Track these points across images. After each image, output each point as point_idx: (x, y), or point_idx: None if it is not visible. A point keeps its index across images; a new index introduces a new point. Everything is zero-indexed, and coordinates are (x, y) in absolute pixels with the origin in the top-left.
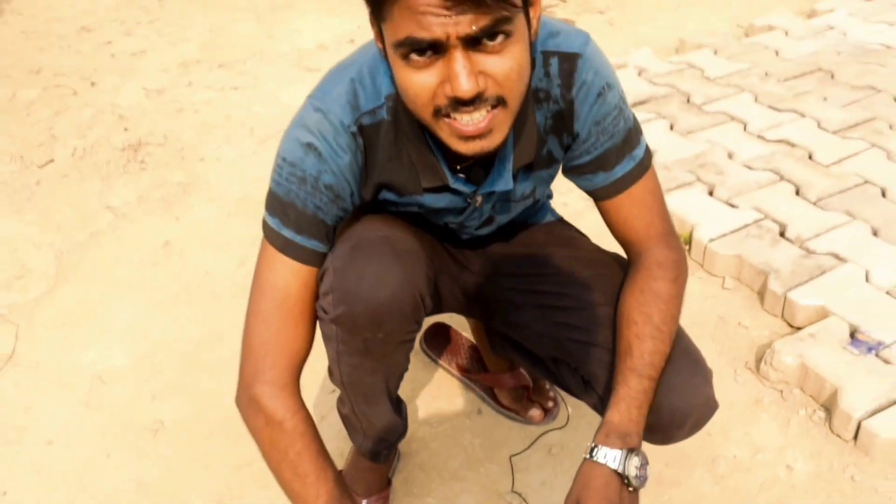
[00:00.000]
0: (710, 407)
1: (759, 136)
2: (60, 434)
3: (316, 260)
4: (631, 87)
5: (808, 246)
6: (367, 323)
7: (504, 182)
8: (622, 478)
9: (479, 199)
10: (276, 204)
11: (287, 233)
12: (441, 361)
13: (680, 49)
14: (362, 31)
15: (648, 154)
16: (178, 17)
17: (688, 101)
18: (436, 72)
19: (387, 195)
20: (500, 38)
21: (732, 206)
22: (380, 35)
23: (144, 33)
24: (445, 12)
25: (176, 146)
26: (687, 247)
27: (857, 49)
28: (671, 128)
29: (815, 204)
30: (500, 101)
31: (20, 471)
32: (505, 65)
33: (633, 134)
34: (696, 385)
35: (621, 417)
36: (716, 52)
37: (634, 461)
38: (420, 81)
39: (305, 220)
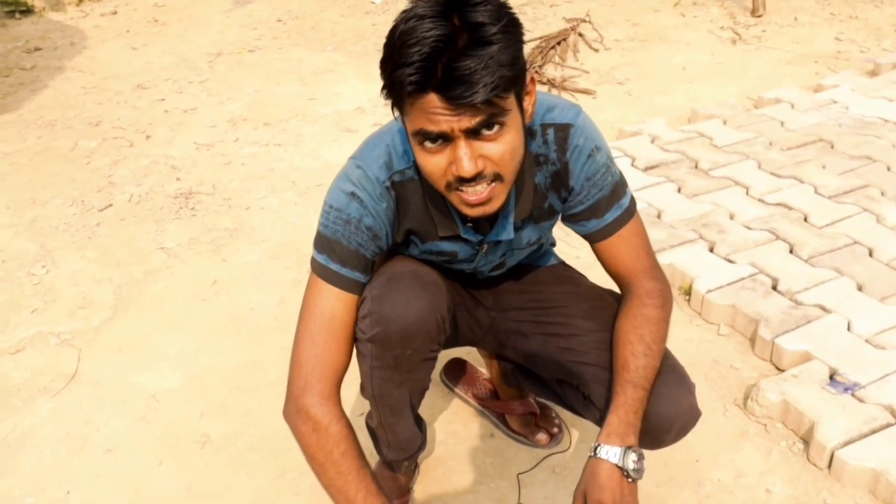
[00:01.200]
0: (693, 414)
1: (760, 200)
2: (118, 444)
3: (357, 288)
4: (644, 152)
5: (797, 298)
6: (398, 341)
7: (506, 233)
8: (622, 471)
9: (486, 246)
10: (325, 243)
11: (334, 266)
12: (459, 391)
13: (692, 118)
14: None
15: (633, 202)
16: (226, 78)
17: (696, 166)
18: (445, 155)
19: (413, 239)
20: (495, 128)
21: (731, 261)
22: (402, 120)
23: (195, 92)
24: (449, 113)
25: (224, 195)
26: (687, 297)
27: (857, 122)
28: (679, 190)
29: (806, 261)
30: (497, 177)
31: (82, 475)
32: (500, 149)
33: (619, 186)
34: (680, 395)
35: (619, 420)
36: (725, 122)
37: (632, 456)
38: (434, 162)
39: (349, 255)
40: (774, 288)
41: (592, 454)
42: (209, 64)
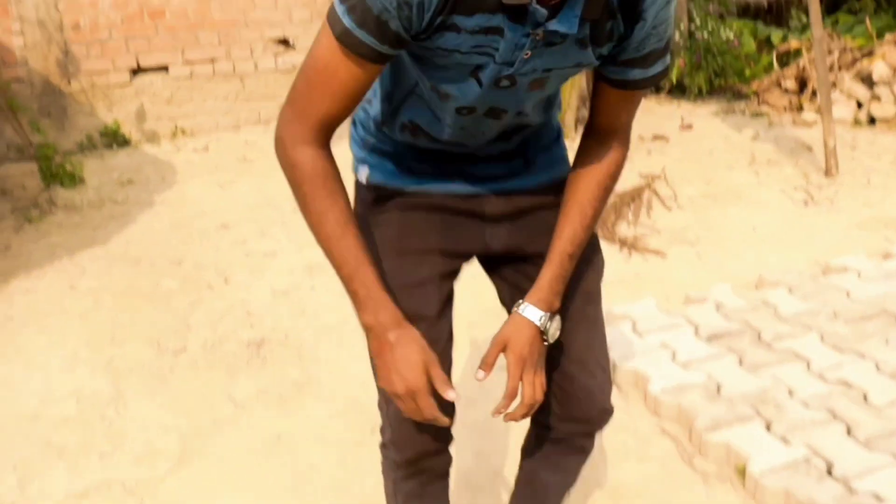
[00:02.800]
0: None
1: (820, 376)
2: None
3: (372, 55)
4: (708, 321)
5: (851, 485)
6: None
7: (569, 25)
8: (542, 333)
9: (541, 34)
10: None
11: (360, 33)
12: None
13: (758, 285)
14: None
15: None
16: None
17: (759, 337)
18: None
19: (452, 22)
20: None
21: (786, 441)
22: None
23: (277, 234)
24: None
25: (295, 345)
26: (741, 478)
27: None
28: (740, 362)
29: (864, 444)
30: None
31: None
32: None
33: (670, 43)
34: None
35: (550, 288)
36: (790, 290)
37: (555, 323)
38: None
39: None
40: (829, 472)
41: (519, 310)
42: (291, 205)
